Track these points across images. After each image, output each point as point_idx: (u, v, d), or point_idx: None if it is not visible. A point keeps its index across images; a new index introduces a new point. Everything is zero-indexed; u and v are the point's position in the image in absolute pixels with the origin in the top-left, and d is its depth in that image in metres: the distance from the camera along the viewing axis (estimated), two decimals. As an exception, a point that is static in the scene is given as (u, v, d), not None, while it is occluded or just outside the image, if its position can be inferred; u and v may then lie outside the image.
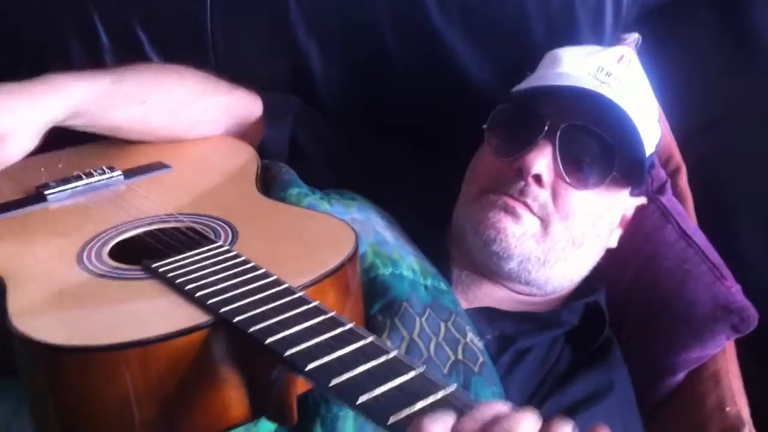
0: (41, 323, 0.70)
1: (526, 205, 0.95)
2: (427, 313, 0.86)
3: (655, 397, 0.98)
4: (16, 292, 0.74)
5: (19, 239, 0.87)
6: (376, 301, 0.85)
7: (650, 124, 1.02)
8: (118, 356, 0.66)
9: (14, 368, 0.75)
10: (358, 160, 1.11)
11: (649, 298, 0.99)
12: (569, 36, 1.22)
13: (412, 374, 0.59)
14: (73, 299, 0.75)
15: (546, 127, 0.94)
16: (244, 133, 1.10)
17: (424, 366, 0.60)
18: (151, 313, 0.72)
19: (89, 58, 1.21)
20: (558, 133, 0.94)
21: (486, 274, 0.99)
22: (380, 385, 0.58)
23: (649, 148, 1.01)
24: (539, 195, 0.95)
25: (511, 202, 0.95)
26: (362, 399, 0.57)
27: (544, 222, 0.95)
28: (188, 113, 1.07)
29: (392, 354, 0.62)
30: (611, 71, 0.99)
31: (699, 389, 0.94)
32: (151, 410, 0.68)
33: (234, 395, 0.69)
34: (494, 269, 0.97)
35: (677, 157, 1.12)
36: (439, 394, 0.57)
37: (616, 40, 1.18)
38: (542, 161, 0.93)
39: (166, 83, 1.06)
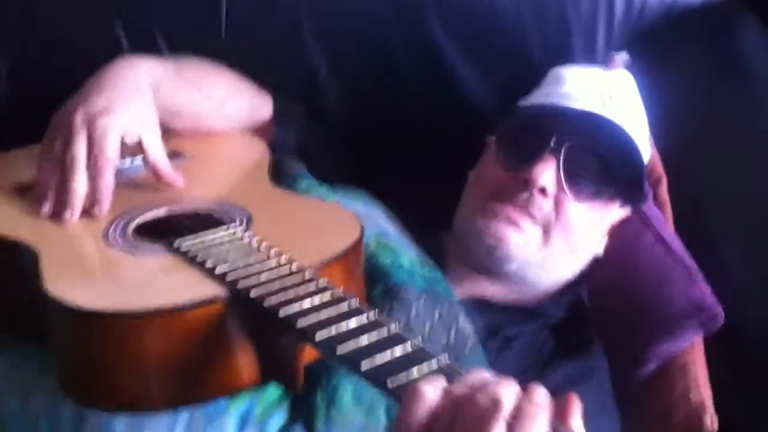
0: (71, 289, 0.75)
1: (529, 214, 1.00)
2: (422, 299, 0.91)
3: (630, 386, 1.03)
4: (48, 262, 0.79)
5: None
6: (376, 285, 0.91)
7: (644, 143, 1.09)
8: (140, 322, 0.71)
9: (38, 335, 0.81)
10: (361, 164, 1.17)
11: (628, 297, 1.05)
12: (564, 56, 1.28)
13: (409, 346, 0.65)
14: (100, 269, 0.81)
15: (552, 143, 1.00)
16: (257, 130, 1.15)
17: (420, 338, 0.66)
18: (171, 284, 0.77)
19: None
20: (563, 150, 0.99)
21: (482, 272, 1.04)
22: (381, 354, 0.64)
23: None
24: (543, 205, 1.00)
25: (514, 214, 1.00)
26: (365, 366, 0.63)
27: (546, 230, 1.01)
28: (228, 107, 1.12)
29: (392, 328, 0.67)
30: (613, 95, 1.06)
31: (668, 379, 1.00)
32: (169, 372, 0.73)
33: (246, 361, 0.75)
34: (493, 270, 1.03)
35: (659, 168, 1.17)
36: (434, 363, 0.63)
37: (607, 60, 1.26)
38: (547, 174, 0.99)
39: (214, 77, 1.12)
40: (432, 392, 0.56)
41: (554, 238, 1.01)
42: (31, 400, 0.83)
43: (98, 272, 0.80)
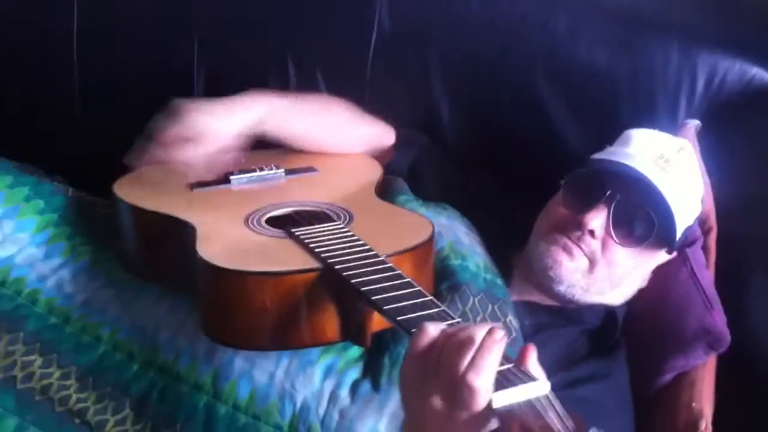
0: (216, 254, 1.02)
1: (580, 248, 1.19)
2: (480, 296, 1.13)
3: (647, 392, 1.21)
4: (202, 236, 1.07)
5: (209, 205, 1.20)
6: (444, 280, 1.14)
7: (693, 203, 1.24)
8: (257, 279, 0.98)
9: (189, 288, 1.08)
10: (458, 185, 1.39)
11: (654, 318, 1.23)
12: (648, 118, 1.44)
13: (450, 321, 0.85)
14: (236, 243, 1.08)
15: (606, 195, 1.18)
16: (376, 154, 1.39)
17: (459, 318, 0.86)
18: (283, 256, 1.03)
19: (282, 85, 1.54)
20: (614, 202, 1.17)
21: (537, 285, 1.25)
22: (411, 313, 0.86)
23: (687, 221, 1.23)
24: (591, 244, 1.19)
25: (569, 244, 1.19)
26: (400, 317, 0.86)
27: (592, 263, 1.20)
28: (342, 134, 1.37)
29: (437, 304, 0.89)
30: (670, 158, 1.22)
31: (678, 389, 1.18)
32: (275, 321, 0.98)
33: (329, 320, 0.99)
34: (546, 287, 1.23)
35: (712, 220, 1.33)
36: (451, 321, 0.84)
37: (681, 125, 1.43)
38: (597, 221, 1.18)
39: (332, 109, 1.37)
40: (433, 329, 0.80)
41: (598, 270, 1.20)
42: (178, 335, 1.11)
43: (235, 244, 1.08)
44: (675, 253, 1.26)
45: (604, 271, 1.20)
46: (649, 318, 1.23)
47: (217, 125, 1.20)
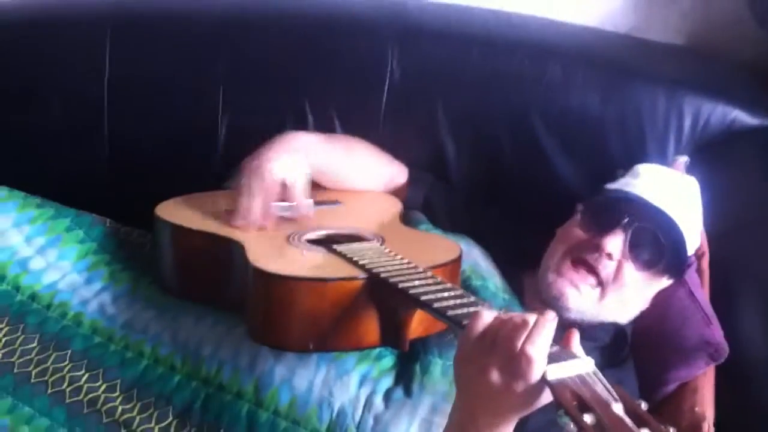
0: (265, 263, 1.09)
1: (594, 274, 1.24)
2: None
3: (653, 400, 1.28)
4: (251, 251, 1.14)
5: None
6: None
7: (695, 235, 1.33)
8: (311, 285, 1.05)
9: (231, 305, 1.15)
10: (467, 218, 1.45)
11: (658, 333, 1.30)
12: (639, 155, 1.55)
13: (480, 306, 0.94)
14: (282, 256, 1.16)
15: (624, 221, 1.24)
16: (391, 191, 1.46)
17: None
18: (329, 267, 1.10)
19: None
20: (631, 229, 1.24)
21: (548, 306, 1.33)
22: (458, 309, 0.94)
23: (691, 251, 1.31)
24: (607, 266, 1.24)
25: (577, 279, 1.25)
26: (450, 312, 0.93)
27: (603, 289, 1.25)
28: (364, 171, 1.45)
29: (482, 301, 0.96)
30: (680, 195, 1.30)
31: (681, 396, 1.25)
32: (319, 325, 1.05)
33: (371, 325, 1.06)
34: (556, 312, 1.30)
35: (704, 245, 1.42)
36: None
37: (672, 162, 1.54)
38: (615, 243, 1.24)
39: (354, 148, 1.45)
40: (487, 315, 0.88)
41: (608, 297, 1.25)
42: (221, 348, 1.17)
43: (282, 257, 1.16)
44: (673, 280, 1.33)
45: (615, 295, 1.26)
46: (653, 334, 1.31)
47: (285, 164, 1.27)
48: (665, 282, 1.32)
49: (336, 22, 1.68)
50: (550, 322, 0.85)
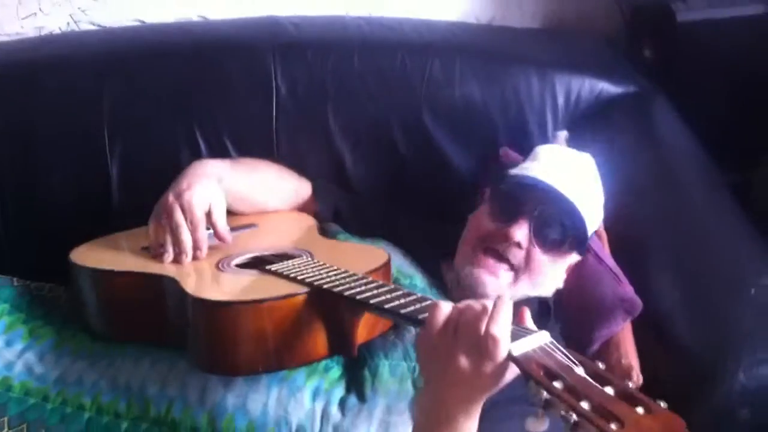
0: (203, 292, 1.08)
1: (507, 261, 1.27)
2: None
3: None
4: (186, 283, 1.12)
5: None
6: None
7: (597, 210, 1.37)
8: (255, 308, 1.04)
9: (172, 340, 1.12)
10: (380, 222, 1.47)
11: (576, 298, 1.36)
12: (522, 134, 1.65)
13: (426, 303, 0.97)
14: (218, 283, 1.15)
15: (526, 209, 1.28)
16: (301, 207, 1.47)
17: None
18: (267, 287, 1.09)
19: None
20: (535, 215, 1.27)
21: (468, 295, 1.36)
22: (410, 306, 0.97)
23: (595, 226, 1.36)
24: (517, 254, 1.28)
25: (492, 264, 1.28)
26: (403, 311, 0.96)
27: (516, 273, 1.28)
28: (277, 190, 1.44)
29: (430, 297, 0.99)
30: (579, 173, 1.34)
31: (607, 352, 1.32)
32: (268, 345, 1.05)
33: (319, 337, 1.06)
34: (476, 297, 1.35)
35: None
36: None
37: (553, 137, 1.62)
38: (521, 233, 1.27)
39: (262, 170, 1.44)
40: (445, 306, 0.91)
41: (521, 281, 1.29)
42: (167, 386, 1.15)
43: (219, 285, 1.15)
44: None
45: (526, 279, 1.30)
46: (572, 301, 1.36)
47: (203, 192, 1.26)
48: (574, 257, 1.36)
49: (214, 48, 1.67)
50: (507, 303, 0.89)
